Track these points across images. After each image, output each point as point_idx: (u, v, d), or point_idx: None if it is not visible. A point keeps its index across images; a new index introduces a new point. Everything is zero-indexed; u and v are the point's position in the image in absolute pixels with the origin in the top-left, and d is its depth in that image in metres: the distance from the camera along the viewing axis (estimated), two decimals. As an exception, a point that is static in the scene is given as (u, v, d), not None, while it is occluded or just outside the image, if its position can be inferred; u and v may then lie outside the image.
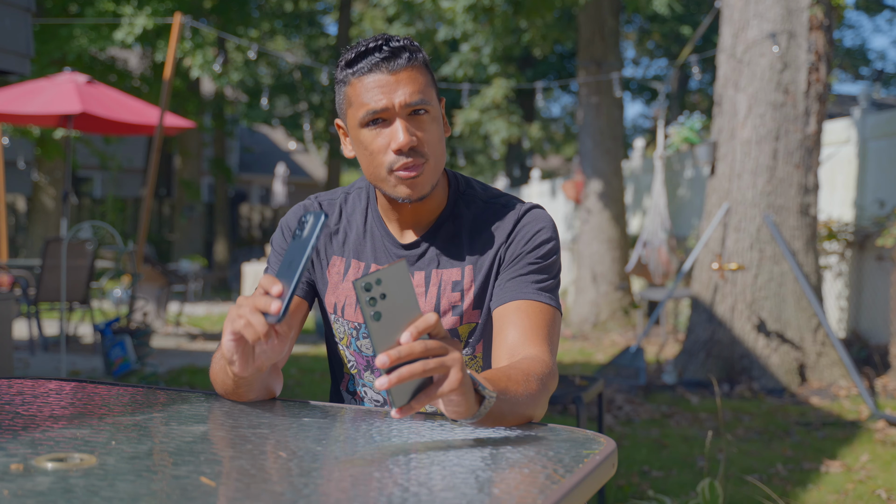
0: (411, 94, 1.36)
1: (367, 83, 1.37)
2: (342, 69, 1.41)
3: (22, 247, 14.92)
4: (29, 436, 1.04)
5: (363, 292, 1.01)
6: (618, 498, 3.41)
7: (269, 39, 20.21)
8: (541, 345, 1.35)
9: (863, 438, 4.48)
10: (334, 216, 1.55)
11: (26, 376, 1.48)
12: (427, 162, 1.39)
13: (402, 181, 1.39)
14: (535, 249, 1.44)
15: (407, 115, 1.37)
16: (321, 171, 27.15)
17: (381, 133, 1.38)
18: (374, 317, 1.02)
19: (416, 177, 1.38)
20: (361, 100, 1.37)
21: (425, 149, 1.39)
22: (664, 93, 9.22)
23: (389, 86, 1.36)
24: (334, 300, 1.51)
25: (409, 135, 1.36)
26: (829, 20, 6.05)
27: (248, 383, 1.27)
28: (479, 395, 1.12)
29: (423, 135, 1.38)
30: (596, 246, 9.64)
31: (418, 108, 1.37)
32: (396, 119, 1.37)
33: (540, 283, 1.42)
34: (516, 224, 1.46)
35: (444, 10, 9.67)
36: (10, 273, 7.11)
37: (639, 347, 6.03)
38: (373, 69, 1.36)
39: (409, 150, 1.37)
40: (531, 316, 1.38)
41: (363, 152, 1.41)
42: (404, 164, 1.37)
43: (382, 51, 1.36)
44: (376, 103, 1.36)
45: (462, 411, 1.08)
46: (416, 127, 1.38)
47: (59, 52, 10.80)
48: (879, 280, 6.96)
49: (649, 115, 24.65)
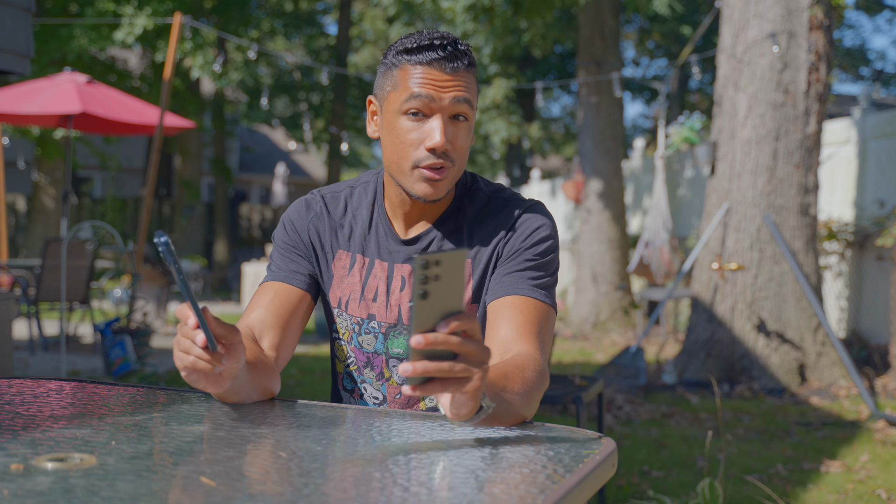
0: (460, 99, 1.37)
1: (422, 73, 1.36)
2: (397, 53, 1.40)
3: (22, 247, 14.92)
4: (29, 436, 1.04)
5: (420, 269, 0.99)
6: (618, 498, 3.41)
7: (269, 39, 20.20)
8: (533, 342, 1.34)
9: (863, 438, 4.48)
10: (339, 210, 1.54)
11: (26, 376, 1.48)
12: (453, 167, 1.40)
13: (424, 180, 1.38)
14: (534, 246, 1.43)
15: (448, 116, 1.38)
16: (321, 171, 27.15)
17: (419, 127, 1.38)
18: (421, 295, 1.00)
19: (440, 180, 1.39)
20: (410, 87, 1.37)
21: (455, 154, 1.39)
22: (664, 93, 9.22)
23: (443, 83, 1.36)
24: (339, 294, 1.51)
25: (445, 137, 1.36)
26: (829, 20, 6.05)
27: (234, 391, 1.26)
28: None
29: (456, 140, 1.39)
30: (596, 246, 9.64)
31: (460, 114, 1.38)
32: (438, 117, 1.37)
33: (536, 280, 1.41)
34: (516, 220, 1.46)
35: (444, 10, 9.67)
36: (10, 273, 7.11)
37: (639, 347, 6.03)
38: (432, 62, 1.36)
39: (442, 153, 1.37)
40: (525, 312, 1.37)
41: (393, 139, 1.40)
42: (432, 163, 1.37)
43: (446, 49, 1.37)
44: (426, 95, 1.36)
45: (463, 415, 1.08)
46: (453, 131, 1.38)
47: (59, 52, 10.81)
48: (879, 280, 6.96)
49: (649, 115, 24.65)
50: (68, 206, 6.32)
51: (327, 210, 1.53)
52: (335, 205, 1.54)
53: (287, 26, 17.80)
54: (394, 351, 1.49)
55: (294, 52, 21.57)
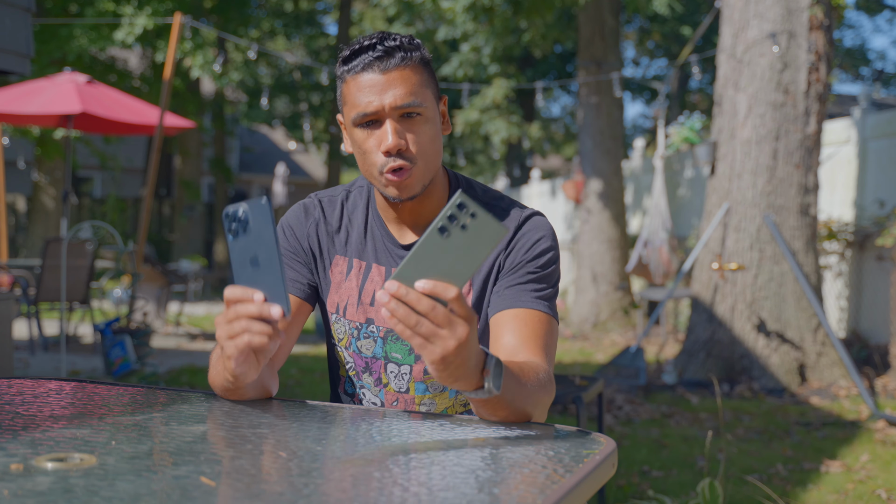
0: (402, 96, 1.35)
1: (360, 83, 1.37)
2: (339, 66, 1.41)
3: (22, 247, 14.92)
4: (29, 436, 1.04)
5: (454, 206, 0.98)
6: (618, 498, 3.41)
7: (269, 39, 20.20)
8: (539, 353, 1.35)
9: (863, 438, 4.48)
10: (336, 214, 1.54)
11: (26, 376, 1.48)
12: (416, 165, 1.39)
13: (391, 182, 1.39)
14: (535, 259, 1.43)
15: (398, 116, 1.37)
16: (321, 171, 27.16)
17: (373, 134, 1.38)
18: (440, 229, 0.99)
19: (405, 180, 1.38)
20: (354, 100, 1.38)
21: (414, 151, 1.38)
22: (664, 93, 9.23)
23: (380, 86, 1.35)
24: (337, 300, 1.51)
25: (397, 137, 1.36)
26: (829, 20, 6.05)
27: (250, 383, 1.27)
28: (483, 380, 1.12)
29: (413, 136, 1.38)
30: (596, 246, 9.64)
31: (409, 111, 1.37)
32: (387, 121, 1.36)
33: (539, 292, 1.41)
34: (516, 231, 1.45)
35: (444, 10, 9.67)
36: (10, 273, 7.11)
37: (639, 347, 6.03)
38: (365, 68, 1.36)
39: (398, 153, 1.37)
40: (529, 324, 1.38)
41: (357, 151, 1.42)
42: (392, 166, 1.37)
43: (376, 50, 1.36)
44: (366, 105, 1.36)
45: (444, 382, 1.09)
46: (407, 128, 1.37)
47: (59, 52, 10.80)
48: (879, 280, 6.96)
49: (649, 115, 24.65)
50: (68, 206, 6.32)
51: (324, 215, 1.53)
52: (332, 209, 1.54)
53: (287, 26, 17.81)
54: (392, 356, 1.49)
55: (294, 52, 21.57)
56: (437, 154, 1.43)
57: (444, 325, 1.03)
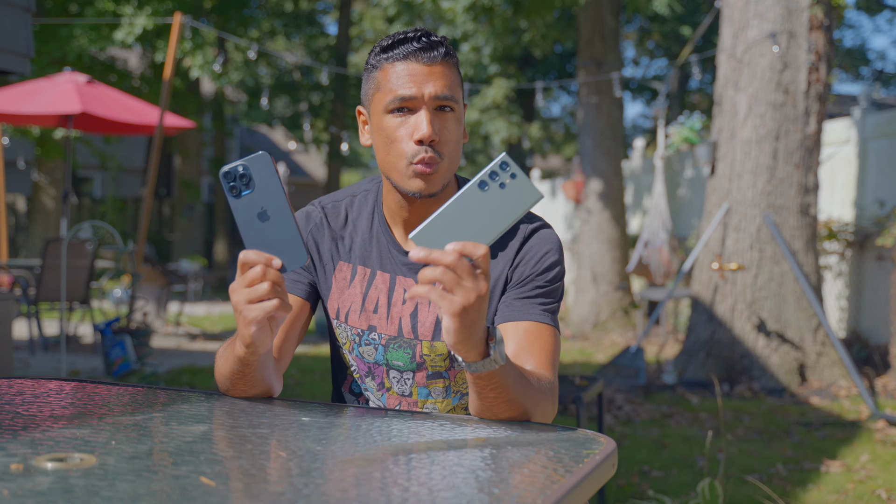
0: (443, 87, 1.36)
1: (400, 70, 1.36)
2: (376, 55, 1.41)
3: (22, 247, 14.93)
4: (29, 436, 1.04)
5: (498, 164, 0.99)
6: (618, 498, 3.41)
7: (269, 39, 20.20)
8: (546, 365, 1.37)
9: (863, 438, 4.48)
10: (339, 221, 1.53)
11: (26, 376, 1.48)
12: (443, 161, 1.38)
13: (417, 175, 1.38)
14: (544, 273, 1.44)
15: (434, 108, 1.37)
16: (321, 171, 27.16)
17: (406, 122, 1.37)
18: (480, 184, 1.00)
19: (432, 174, 1.38)
20: (391, 85, 1.37)
21: (444, 147, 1.38)
22: (664, 93, 9.22)
23: (422, 75, 1.36)
24: (338, 305, 1.50)
25: (432, 127, 1.36)
26: (829, 20, 6.05)
27: (259, 366, 1.27)
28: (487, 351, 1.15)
29: (445, 131, 1.38)
30: (596, 246, 9.64)
31: (445, 105, 1.37)
32: (423, 109, 1.36)
33: (545, 306, 1.43)
34: (523, 244, 1.45)
35: (444, 10, 9.67)
36: (10, 273, 7.11)
37: (639, 347, 6.03)
38: (408, 57, 1.36)
39: (431, 143, 1.37)
40: (538, 337, 1.39)
41: (383, 140, 1.40)
42: (423, 157, 1.37)
43: (421, 41, 1.36)
44: (407, 90, 1.35)
45: (454, 343, 1.10)
46: (440, 122, 1.37)
47: (59, 52, 10.81)
48: (879, 280, 6.96)
49: (649, 115, 24.64)
50: (68, 206, 6.32)
51: (328, 221, 1.53)
52: (335, 215, 1.53)
53: (287, 26, 17.80)
54: (394, 363, 1.48)
55: (294, 52, 21.57)
56: (459, 156, 1.44)
57: (468, 277, 1.05)
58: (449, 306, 1.06)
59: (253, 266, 1.11)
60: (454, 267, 1.04)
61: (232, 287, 1.14)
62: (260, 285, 1.11)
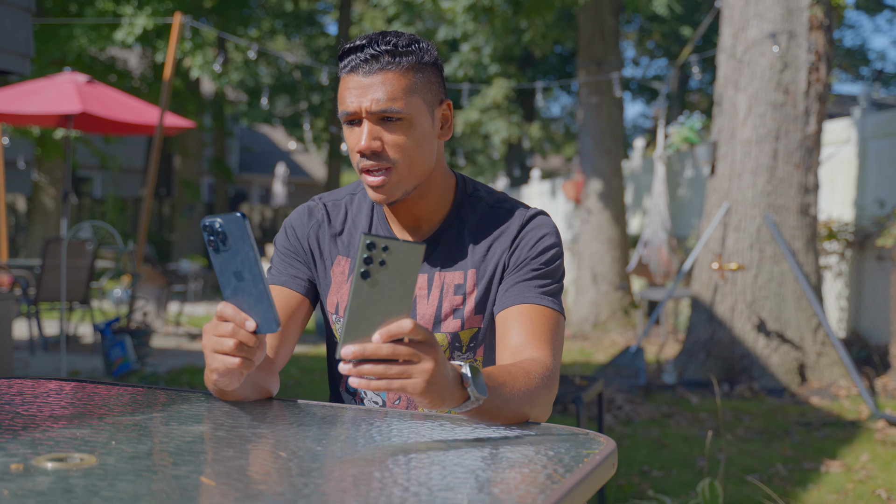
0: (378, 100, 1.36)
1: (347, 83, 1.39)
2: (338, 61, 1.44)
3: (22, 247, 14.92)
4: (29, 436, 1.04)
5: (364, 248, 0.97)
6: (618, 498, 3.41)
7: (269, 39, 20.20)
8: (544, 348, 1.36)
9: (863, 438, 4.48)
10: (340, 217, 1.55)
11: (26, 376, 1.48)
12: (393, 167, 1.39)
13: (367, 184, 1.41)
14: (539, 255, 1.44)
15: (377, 119, 1.38)
16: (321, 171, 27.15)
17: (354, 132, 1.40)
18: (362, 275, 0.98)
19: (381, 181, 1.39)
20: (341, 98, 1.40)
21: (391, 154, 1.38)
22: (664, 93, 9.22)
23: (362, 89, 1.37)
24: (336, 300, 1.51)
25: (370, 139, 1.37)
26: (829, 20, 6.05)
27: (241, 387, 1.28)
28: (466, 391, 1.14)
29: (393, 139, 1.38)
30: (596, 246, 9.64)
31: (389, 115, 1.37)
32: (364, 121, 1.38)
33: (543, 288, 1.43)
34: (520, 230, 1.46)
35: (444, 10, 9.66)
36: (10, 273, 7.11)
37: (639, 347, 6.03)
38: (352, 70, 1.38)
39: (372, 154, 1.38)
40: (534, 320, 1.39)
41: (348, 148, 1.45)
42: (365, 166, 1.39)
43: (364, 52, 1.37)
44: (349, 105, 1.38)
45: (428, 406, 1.10)
46: (386, 131, 1.38)
47: (59, 52, 10.80)
48: (879, 280, 6.96)
49: (649, 115, 24.64)
50: (68, 206, 6.32)
51: (329, 218, 1.55)
52: (336, 212, 1.55)
53: (287, 26, 17.81)
54: None
55: (294, 52, 21.57)
56: (425, 159, 1.42)
57: (413, 357, 1.04)
58: (413, 388, 1.05)
59: (227, 322, 1.12)
60: (395, 355, 1.04)
61: (205, 328, 1.15)
62: (226, 340, 1.12)
